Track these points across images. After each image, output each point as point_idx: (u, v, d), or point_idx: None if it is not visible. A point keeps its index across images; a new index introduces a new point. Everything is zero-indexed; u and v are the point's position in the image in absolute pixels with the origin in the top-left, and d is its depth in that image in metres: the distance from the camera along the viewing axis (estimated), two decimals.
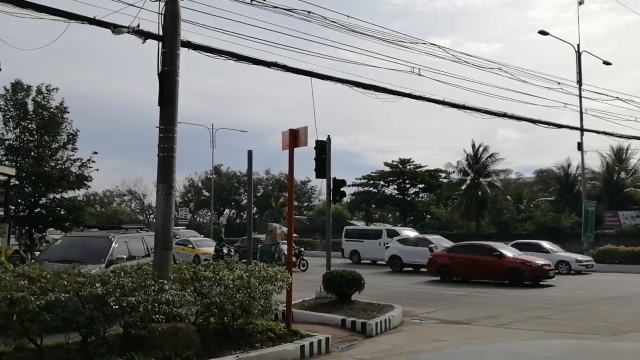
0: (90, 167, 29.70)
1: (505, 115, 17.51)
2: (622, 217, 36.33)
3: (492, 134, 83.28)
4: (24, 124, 28.49)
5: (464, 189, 44.54)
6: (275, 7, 10.87)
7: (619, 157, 41.39)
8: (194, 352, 6.63)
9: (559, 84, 19.88)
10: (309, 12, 11.43)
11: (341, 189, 15.03)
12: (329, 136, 13.94)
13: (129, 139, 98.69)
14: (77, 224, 27.25)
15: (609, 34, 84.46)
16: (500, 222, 42.30)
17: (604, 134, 23.61)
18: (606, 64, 29.89)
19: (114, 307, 6.22)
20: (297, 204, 52.91)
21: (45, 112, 28.47)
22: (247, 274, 8.00)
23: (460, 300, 14.39)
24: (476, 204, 42.67)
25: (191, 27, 10.30)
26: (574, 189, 41.66)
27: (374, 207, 55.82)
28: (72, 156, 29.59)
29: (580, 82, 27.47)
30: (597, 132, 24.09)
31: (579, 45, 29.53)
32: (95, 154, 30.17)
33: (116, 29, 8.58)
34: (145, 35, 8.79)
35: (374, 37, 13.30)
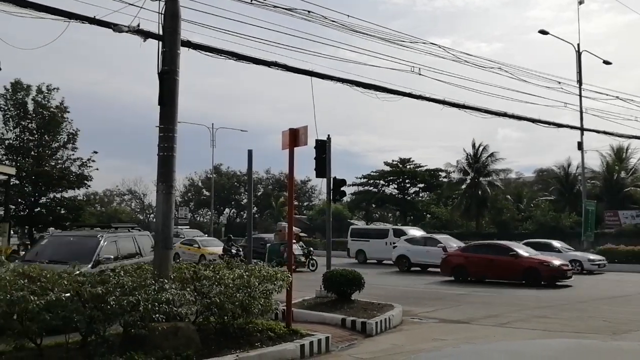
0: (90, 167, 29.72)
1: (505, 114, 17.51)
2: (622, 217, 36.34)
3: (493, 133, 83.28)
4: (24, 123, 28.49)
5: (464, 188, 44.56)
6: (275, 7, 10.88)
7: (619, 156, 41.39)
8: (194, 351, 6.63)
9: (559, 83, 19.91)
10: (309, 11, 11.44)
11: (341, 189, 15.03)
12: (329, 136, 13.95)
13: (129, 138, 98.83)
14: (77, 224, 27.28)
15: (609, 33, 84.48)
16: (500, 221, 42.30)
17: (604, 133, 23.63)
18: (606, 63, 29.88)
19: (114, 307, 6.22)
20: (297, 203, 52.88)
21: (45, 112, 28.48)
22: (247, 273, 8.00)
23: (460, 299, 14.39)
24: (476, 203, 42.68)
25: (191, 27, 10.32)
26: (574, 189, 41.66)
27: (374, 206, 55.84)
28: (72, 156, 29.62)
29: (580, 81, 27.47)
30: (597, 131, 24.11)
31: (579, 44, 29.53)
32: (95, 153, 30.21)
33: (116, 27, 8.58)
34: (145, 34, 8.80)
35: (374, 36, 13.31)
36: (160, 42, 8.29)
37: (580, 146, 28.94)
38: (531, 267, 17.67)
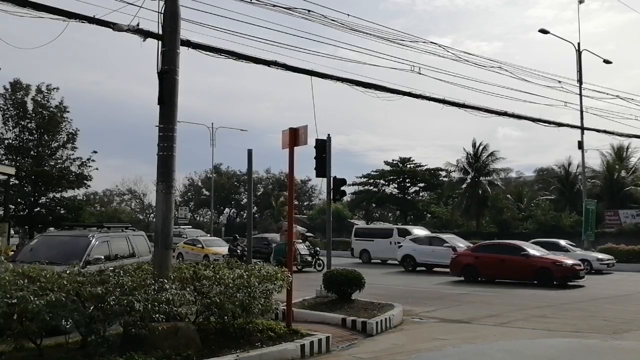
0: (89, 167, 29.71)
1: (505, 113, 17.47)
2: (622, 216, 36.33)
3: (493, 132, 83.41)
4: (23, 123, 28.48)
5: (465, 187, 44.56)
6: (275, 6, 10.85)
7: (620, 155, 41.39)
8: (194, 351, 6.62)
9: (560, 82, 19.83)
10: (309, 10, 11.41)
11: (341, 188, 15.03)
12: (329, 135, 13.93)
13: (129, 138, 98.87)
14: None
15: (609, 32, 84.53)
16: (500, 220, 42.29)
17: (605, 132, 23.56)
18: (606, 62, 29.86)
19: (113, 307, 6.20)
20: (297, 203, 52.79)
21: (45, 111, 28.47)
22: (247, 273, 7.99)
23: (461, 299, 14.38)
24: (476, 202, 42.68)
25: (191, 26, 10.30)
26: (575, 188, 41.66)
27: (374, 206, 55.82)
28: (72, 155, 29.61)
29: (580, 80, 27.42)
30: (598, 130, 24.06)
31: (579, 43, 29.50)
32: (94, 153, 30.20)
33: (116, 26, 8.57)
34: (145, 34, 8.78)
35: (374, 35, 13.28)
36: (159, 42, 8.27)
37: (580, 145, 28.92)
38: (543, 267, 17.39)
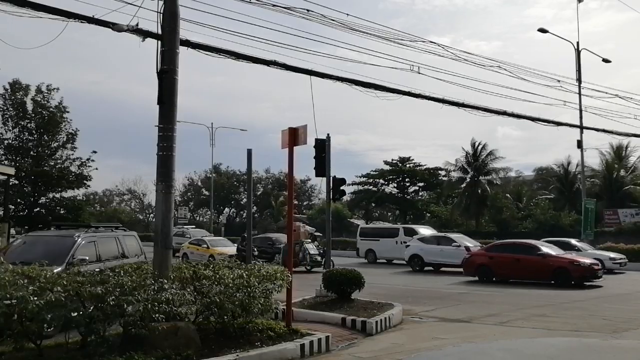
0: (89, 167, 29.70)
1: (504, 113, 17.48)
2: (621, 215, 36.36)
3: (492, 131, 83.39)
4: (23, 123, 28.47)
5: (464, 187, 44.56)
6: (274, 6, 10.86)
7: (619, 154, 41.41)
8: (194, 351, 6.62)
9: (559, 81, 19.85)
10: (308, 10, 11.43)
11: (341, 188, 15.02)
12: (328, 135, 13.93)
13: (129, 138, 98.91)
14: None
15: (608, 31, 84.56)
16: (500, 220, 42.30)
17: (604, 131, 23.58)
18: (605, 61, 29.86)
19: (113, 307, 6.20)
20: (297, 202, 52.83)
21: (44, 112, 28.46)
22: (246, 272, 7.99)
23: (461, 298, 14.39)
24: (476, 202, 42.67)
25: (190, 26, 10.32)
26: (574, 187, 41.67)
27: (373, 205, 55.81)
28: (72, 155, 29.60)
29: (579, 79, 27.43)
30: (597, 129, 24.08)
31: (578, 43, 29.52)
32: (94, 153, 30.17)
33: (115, 26, 8.57)
34: (144, 34, 8.78)
35: (374, 35, 13.29)
36: (159, 42, 8.28)
37: (579, 144, 28.94)
38: (561, 267, 17.05)
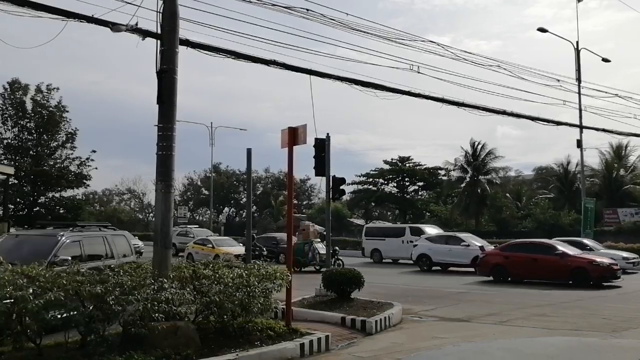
0: (89, 166, 29.75)
1: (504, 112, 17.47)
2: (621, 214, 36.39)
3: (492, 131, 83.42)
4: (22, 122, 28.48)
5: (463, 186, 44.56)
6: (274, 5, 10.85)
7: (618, 154, 41.44)
8: (193, 350, 6.62)
9: (558, 81, 19.85)
10: (307, 9, 11.42)
11: (340, 187, 15.02)
12: (328, 134, 13.94)
13: (128, 137, 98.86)
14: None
15: (608, 31, 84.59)
16: (499, 219, 42.33)
17: (603, 131, 23.60)
18: (605, 61, 29.89)
19: (113, 306, 6.20)
20: (296, 202, 52.81)
21: (44, 111, 28.46)
22: (246, 272, 7.99)
23: (460, 297, 14.39)
24: (475, 201, 42.68)
25: (190, 26, 10.31)
26: (574, 186, 41.70)
27: (373, 205, 55.84)
28: (71, 155, 29.63)
29: (579, 79, 27.44)
30: (597, 129, 24.10)
31: (577, 42, 29.54)
32: (93, 152, 30.23)
33: (115, 26, 8.56)
34: (143, 33, 8.77)
35: (373, 34, 13.29)
36: (158, 41, 8.28)
37: (579, 144, 28.95)
38: (579, 267, 16.72)
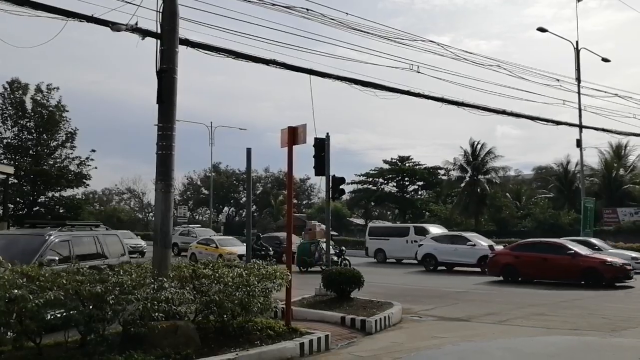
0: (88, 165, 29.74)
1: (504, 112, 17.46)
2: (620, 214, 36.42)
3: (492, 131, 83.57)
4: (22, 122, 28.47)
5: (463, 186, 44.58)
6: (274, 5, 10.84)
7: (618, 154, 41.47)
8: (193, 349, 6.62)
9: (558, 81, 19.83)
10: (307, 9, 11.40)
11: (340, 187, 15.05)
12: (327, 134, 13.95)
13: (128, 137, 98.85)
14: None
15: (607, 30, 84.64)
16: (499, 219, 42.34)
17: (603, 130, 23.59)
18: (605, 60, 29.88)
19: (113, 305, 6.20)
20: (296, 201, 52.85)
21: (44, 111, 28.46)
22: (246, 271, 8.00)
23: (459, 297, 14.40)
24: (475, 201, 42.70)
25: (190, 25, 10.31)
26: (573, 186, 41.74)
27: (373, 204, 55.87)
28: (71, 154, 29.63)
29: (579, 79, 27.42)
30: (596, 129, 24.10)
31: (577, 42, 29.51)
32: (93, 152, 30.23)
33: (115, 25, 8.55)
34: (143, 33, 8.76)
35: (373, 34, 13.27)
36: (158, 41, 8.28)
37: (579, 144, 28.94)
38: (591, 267, 16.57)
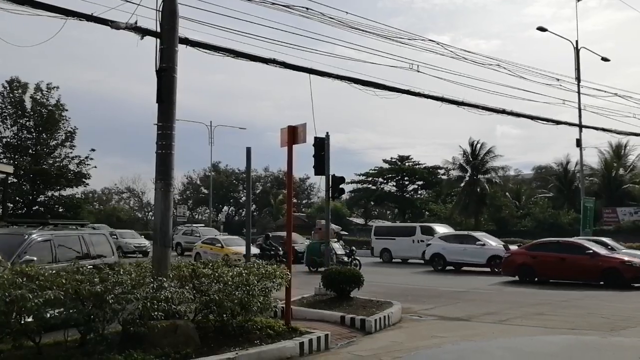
0: (88, 165, 29.72)
1: (504, 111, 17.44)
2: (620, 214, 36.44)
3: (491, 130, 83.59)
4: (21, 121, 28.45)
5: (463, 185, 44.54)
6: (273, 4, 10.83)
7: (618, 153, 41.47)
8: (193, 349, 6.62)
9: (558, 80, 19.81)
10: (307, 8, 11.38)
11: (340, 186, 15.03)
12: (327, 133, 13.94)
13: (128, 136, 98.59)
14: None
15: (607, 30, 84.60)
16: (499, 218, 42.34)
17: (603, 130, 23.58)
18: (605, 60, 29.87)
19: (112, 305, 6.19)
20: (296, 201, 52.89)
21: (43, 110, 28.44)
22: (245, 271, 8.00)
23: (459, 296, 14.40)
24: (475, 200, 42.65)
25: (189, 24, 10.29)
26: (573, 186, 41.74)
27: (372, 204, 55.88)
28: (70, 154, 29.62)
29: (578, 78, 27.41)
30: (596, 128, 24.09)
31: (577, 41, 29.49)
32: (93, 151, 30.20)
33: (114, 23, 8.54)
34: (143, 31, 8.75)
35: (373, 33, 13.25)
36: (158, 40, 8.26)
37: (578, 143, 28.94)
38: (611, 268, 16.32)
